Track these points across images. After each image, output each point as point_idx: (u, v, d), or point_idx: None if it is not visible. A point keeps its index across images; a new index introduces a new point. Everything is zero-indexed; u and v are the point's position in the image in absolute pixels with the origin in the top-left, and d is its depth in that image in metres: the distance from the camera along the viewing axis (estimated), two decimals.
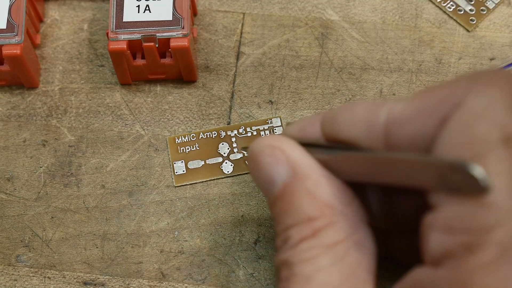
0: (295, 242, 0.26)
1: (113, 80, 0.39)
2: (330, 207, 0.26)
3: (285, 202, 0.27)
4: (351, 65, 0.39)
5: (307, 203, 0.26)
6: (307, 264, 0.25)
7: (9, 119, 0.38)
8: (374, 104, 0.26)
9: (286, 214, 0.26)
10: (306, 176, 0.27)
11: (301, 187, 0.26)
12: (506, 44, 0.39)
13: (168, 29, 0.36)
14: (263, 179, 0.28)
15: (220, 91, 0.39)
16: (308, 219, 0.26)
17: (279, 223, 0.27)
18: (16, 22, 0.37)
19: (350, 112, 0.27)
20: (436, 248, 0.23)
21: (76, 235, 0.36)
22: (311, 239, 0.26)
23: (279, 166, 0.27)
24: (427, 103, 0.25)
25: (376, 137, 0.26)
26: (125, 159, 0.37)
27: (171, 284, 0.35)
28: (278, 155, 0.27)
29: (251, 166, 0.28)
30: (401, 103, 0.26)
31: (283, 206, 0.27)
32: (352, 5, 0.40)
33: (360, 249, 0.26)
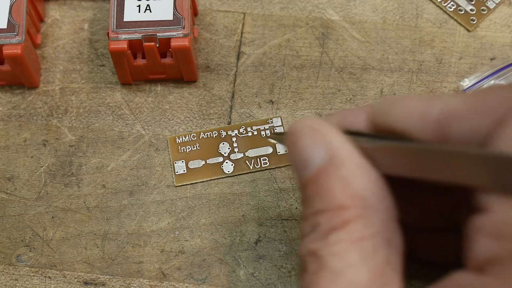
0: (324, 231, 0.25)
1: (114, 80, 0.39)
2: (362, 198, 0.26)
3: (318, 185, 0.26)
4: (351, 65, 0.39)
5: (340, 190, 0.26)
6: (337, 258, 0.25)
7: (10, 119, 0.38)
8: (428, 97, 0.26)
9: (317, 198, 0.26)
10: (343, 163, 0.26)
11: (336, 173, 0.26)
12: (506, 44, 0.39)
13: (169, 29, 0.36)
14: (299, 159, 0.27)
15: (221, 91, 0.39)
16: (339, 207, 0.25)
17: (309, 206, 0.26)
18: (16, 22, 0.37)
19: (405, 103, 0.26)
20: (483, 253, 0.23)
21: (76, 235, 0.36)
22: (340, 230, 0.25)
23: (317, 149, 0.27)
24: (484, 102, 0.25)
25: (429, 130, 0.26)
26: (125, 159, 0.37)
27: (171, 284, 0.35)
28: (318, 138, 0.27)
29: (289, 144, 0.28)
30: (457, 98, 0.25)
31: (315, 189, 0.26)
32: (353, 5, 0.40)
33: (389, 247, 0.25)
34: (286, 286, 0.34)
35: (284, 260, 0.35)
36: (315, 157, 0.27)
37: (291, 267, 0.35)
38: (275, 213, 0.36)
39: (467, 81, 0.38)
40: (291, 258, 0.35)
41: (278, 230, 0.35)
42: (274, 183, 0.36)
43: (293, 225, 0.35)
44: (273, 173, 0.37)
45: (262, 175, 0.37)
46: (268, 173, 0.37)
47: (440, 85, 0.38)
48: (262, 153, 0.37)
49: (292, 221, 0.36)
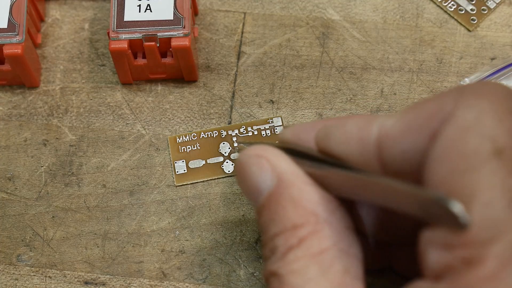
0: (282, 252, 0.26)
1: (114, 79, 0.39)
2: (314, 214, 0.26)
3: (271, 210, 0.27)
4: (352, 64, 0.39)
5: (292, 211, 0.26)
6: (296, 275, 0.25)
7: (10, 119, 0.38)
8: (366, 120, 0.27)
9: (272, 222, 0.27)
10: (290, 183, 0.27)
11: (286, 194, 0.27)
12: (507, 43, 0.39)
13: (169, 29, 0.36)
14: (250, 188, 0.28)
15: (221, 90, 0.39)
16: (293, 226, 0.26)
17: (266, 231, 0.27)
18: (17, 21, 0.37)
19: (343, 129, 0.27)
20: (436, 264, 0.23)
21: (77, 235, 0.36)
22: (297, 248, 0.26)
23: (264, 174, 0.27)
24: (416, 119, 0.25)
25: (368, 153, 0.26)
26: (126, 159, 0.37)
27: (172, 284, 0.35)
28: (264, 164, 0.27)
29: (238, 176, 0.29)
30: (391, 119, 0.26)
31: (269, 214, 0.27)
32: (353, 5, 0.40)
33: (347, 256, 0.26)
34: None
35: None
36: (264, 183, 0.27)
37: None
38: None
39: (467, 81, 0.38)
40: None
41: None
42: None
43: None
44: None
45: None
46: None
47: (440, 85, 0.38)
48: None
49: None
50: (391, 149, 0.25)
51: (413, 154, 0.25)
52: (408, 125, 0.25)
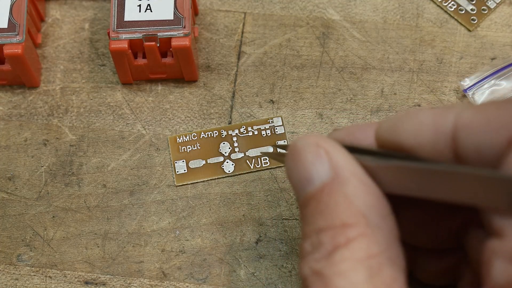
0: (328, 249, 0.25)
1: (114, 79, 0.39)
2: (366, 216, 0.25)
3: (321, 202, 0.26)
4: (352, 64, 0.39)
5: (343, 208, 0.25)
6: (342, 278, 0.24)
7: (10, 119, 0.38)
8: (441, 109, 0.25)
9: (320, 215, 0.25)
10: (347, 180, 0.26)
11: (340, 190, 0.26)
12: (507, 43, 0.39)
13: (169, 29, 0.36)
14: (301, 175, 0.27)
15: (221, 90, 0.39)
16: (342, 225, 0.25)
17: (310, 223, 0.26)
18: (17, 21, 0.37)
19: (416, 118, 0.26)
20: (502, 277, 0.23)
21: (77, 235, 0.36)
22: (344, 248, 0.25)
23: (320, 165, 0.26)
24: (499, 117, 0.24)
25: (442, 144, 0.25)
26: (126, 159, 0.37)
27: (172, 284, 0.35)
28: (322, 154, 0.26)
29: (290, 160, 0.27)
30: (470, 110, 0.25)
31: (318, 206, 0.26)
32: (353, 5, 0.40)
33: (393, 266, 0.25)
34: (286, 285, 0.34)
35: (285, 260, 0.35)
36: (318, 174, 0.26)
37: (291, 267, 0.35)
38: (275, 213, 0.36)
39: (467, 81, 0.38)
40: (292, 257, 0.35)
41: (278, 229, 0.35)
42: (275, 183, 0.36)
43: (294, 225, 0.35)
44: (274, 172, 0.37)
45: (262, 175, 0.37)
46: (269, 173, 0.37)
47: (440, 85, 0.38)
48: None
49: (292, 220, 0.36)
50: (468, 140, 0.24)
51: (490, 151, 0.24)
52: (488, 120, 0.24)
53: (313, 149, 0.27)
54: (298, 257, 0.31)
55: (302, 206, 0.27)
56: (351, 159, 0.26)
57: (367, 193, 0.26)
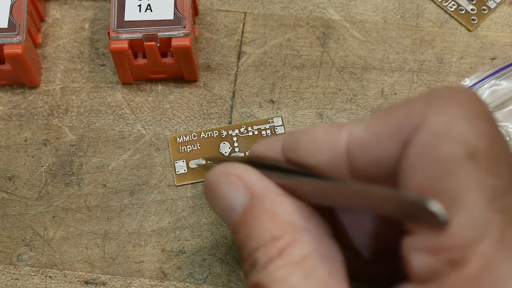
0: (263, 263, 0.26)
1: (115, 79, 0.39)
2: (291, 224, 0.26)
3: (247, 225, 0.27)
4: (352, 64, 0.39)
5: (269, 223, 0.26)
6: (279, 284, 0.25)
7: (11, 119, 0.38)
8: (334, 128, 0.26)
9: (249, 238, 0.26)
10: (263, 197, 0.27)
11: (260, 208, 0.27)
12: (507, 43, 0.39)
13: (170, 29, 0.36)
14: (223, 207, 0.28)
15: (221, 90, 0.39)
16: (272, 238, 0.26)
17: (245, 247, 0.27)
18: (17, 21, 0.37)
19: (311, 137, 0.27)
20: (421, 268, 0.23)
21: (77, 234, 0.36)
22: (278, 258, 0.26)
23: (236, 192, 0.27)
24: (386, 126, 0.25)
25: (338, 161, 0.26)
26: (126, 159, 0.37)
27: (172, 283, 0.35)
28: (234, 181, 0.27)
29: (209, 197, 0.28)
30: (360, 126, 0.26)
31: (245, 230, 0.27)
32: (354, 5, 0.40)
33: (328, 260, 0.26)
34: None
35: None
36: (237, 200, 0.27)
37: None
38: None
39: (468, 81, 0.38)
40: None
41: None
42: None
43: None
44: None
45: None
46: None
47: (441, 85, 0.38)
48: None
49: None
50: (361, 157, 0.25)
51: (384, 161, 0.25)
52: (377, 133, 0.25)
53: (224, 178, 0.28)
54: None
55: (234, 235, 0.27)
56: (261, 176, 0.27)
57: (286, 202, 0.27)
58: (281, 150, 0.28)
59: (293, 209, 0.26)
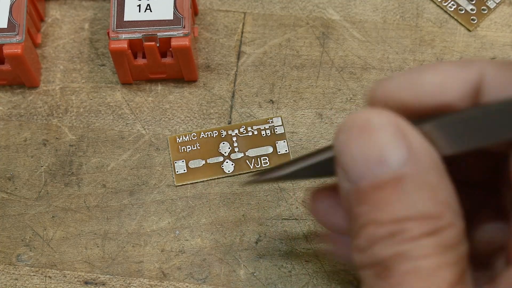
0: (414, 235, 0.23)
1: (114, 79, 0.39)
2: (450, 207, 0.24)
3: (399, 189, 0.23)
4: (352, 64, 0.39)
5: (428, 197, 0.23)
6: (430, 259, 0.23)
7: (10, 119, 0.38)
8: (463, 63, 0.24)
9: (398, 203, 0.23)
10: (428, 169, 0.24)
11: (423, 177, 0.23)
12: (507, 43, 0.39)
13: (169, 29, 0.36)
14: (371, 155, 0.23)
15: (221, 90, 0.39)
16: (428, 216, 0.23)
17: (385, 211, 0.23)
18: (17, 21, 0.37)
19: (439, 72, 0.24)
20: None
21: (77, 235, 0.36)
22: (432, 236, 0.23)
23: (398, 149, 0.23)
24: None
25: (467, 101, 0.24)
26: (126, 159, 0.37)
27: (172, 284, 0.35)
28: (400, 137, 0.24)
29: (357, 136, 0.24)
30: (493, 66, 0.24)
31: (395, 192, 0.23)
32: (353, 5, 0.40)
33: (467, 257, 0.24)
34: (286, 285, 0.34)
35: (285, 260, 0.35)
36: (395, 157, 0.23)
37: (291, 267, 0.35)
38: (275, 213, 0.36)
39: None
40: (292, 257, 0.35)
41: (278, 229, 0.35)
42: (275, 183, 0.36)
43: (293, 225, 0.35)
44: None
45: None
46: None
47: None
48: (262, 153, 0.37)
49: (292, 220, 0.36)
50: (493, 97, 0.23)
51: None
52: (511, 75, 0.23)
53: (390, 129, 0.24)
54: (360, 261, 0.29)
55: (368, 191, 0.24)
56: (426, 143, 0.24)
57: (447, 181, 0.24)
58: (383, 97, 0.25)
59: (452, 191, 0.24)
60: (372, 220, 0.24)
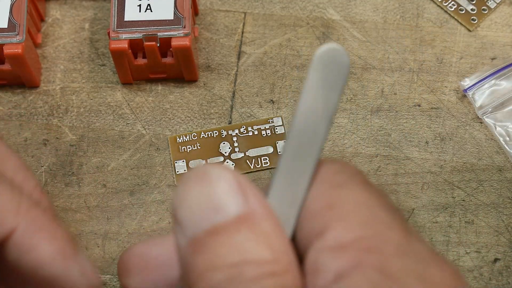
0: (254, 276, 0.24)
1: (114, 79, 0.39)
2: (287, 255, 0.24)
3: (235, 236, 0.24)
4: (352, 64, 0.39)
5: (264, 245, 0.24)
6: None
7: (10, 118, 0.38)
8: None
9: (234, 248, 0.24)
10: (265, 217, 0.25)
11: (258, 226, 0.25)
12: (507, 43, 0.39)
13: (170, 29, 0.36)
14: (210, 203, 0.25)
15: (221, 90, 0.39)
16: (265, 261, 0.24)
17: (221, 256, 0.24)
18: (17, 21, 0.37)
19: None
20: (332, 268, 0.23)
21: (77, 235, 0.36)
22: (272, 277, 0.24)
23: (235, 198, 0.25)
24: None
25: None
26: (126, 159, 0.37)
27: None
28: (237, 187, 0.25)
29: (198, 185, 0.25)
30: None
31: (229, 238, 0.24)
32: (353, 5, 0.40)
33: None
34: None
35: None
36: (233, 205, 0.24)
37: None
38: None
39: (467, 81, 0.38)
40: None
41: None
42: None
43: None
44: None
45: (262, 175, 0.37)
46: (269, 173, 0.37)
47: (440, 85, 0.38)
48: (262, 153, 0.37)
49: None
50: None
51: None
52: None
53: (228, 179, 0.25)
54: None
55: (204, 239, 0.25)
56: (261, 195, 0.25)
57: (281, 232, 0.25)
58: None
59: (287, 241, 0.25)
60: (209, 266, 0.24)
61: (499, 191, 0.36)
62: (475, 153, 0.37)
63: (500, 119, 0.38)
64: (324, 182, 0.25)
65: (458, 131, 0.37)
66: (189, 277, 0.25)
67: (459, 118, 0.38)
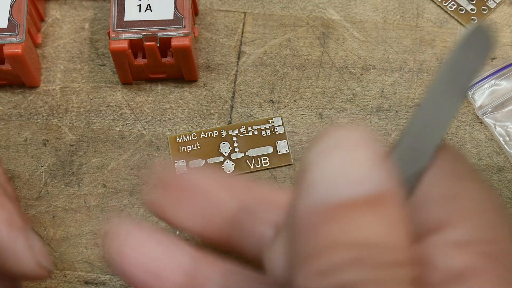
0: (390, 261, 0.22)
1: (114, 79, 0.39)
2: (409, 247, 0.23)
3: (374, 213, 0.22)
4: (352, 64, 0.39)
5: (402, 230, 0.23)
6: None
7: (10, 118, 0.38)
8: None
9: (374, 227, 0.22)
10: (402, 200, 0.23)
11: (398, 208, 0.23)
12: (507, 43, 0.39)
13: (169, 29, 0.36)
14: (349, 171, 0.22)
15: (221, 90, 0.39)
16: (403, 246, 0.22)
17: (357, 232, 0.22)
18: (17, 21, 0.37)
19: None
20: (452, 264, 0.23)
21: (77, 235, 0.36)
22: (407, 266, 0.22)
23: (379, 168, 0.23)
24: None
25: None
26: (126, 159, 0.37)
27: None
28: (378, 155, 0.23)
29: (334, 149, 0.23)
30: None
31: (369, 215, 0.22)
32: (353, 5, 0.40)
33: None
34: None
35: None
36: (369, 181, 0.22)
37: None
38: None
39: None
40: None
41: None
42: (275, 183, 0.36)
43: None
44: (274, 172, 0.37)
45: (262, 175, 0.37)
46: (269, 173, 0.37)
47: None
48: (262, 153, 0.37)
49: None
50: None
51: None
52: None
53: (370, 151, 0.23)
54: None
55: (339, 210, 0.22)
56: (398, 180, 0.23)
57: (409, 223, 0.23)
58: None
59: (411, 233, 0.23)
60: (341, 241, 0.22)
61: (499, 191, 0.36)
62: (475, 153, 0.37)
63: (500, 119, 0.38)
64: (444, 169, 0.23)
65: (458, 131, 0.37)
66: (310, 247, 0.23)
67: (459, 118, 0.38)
